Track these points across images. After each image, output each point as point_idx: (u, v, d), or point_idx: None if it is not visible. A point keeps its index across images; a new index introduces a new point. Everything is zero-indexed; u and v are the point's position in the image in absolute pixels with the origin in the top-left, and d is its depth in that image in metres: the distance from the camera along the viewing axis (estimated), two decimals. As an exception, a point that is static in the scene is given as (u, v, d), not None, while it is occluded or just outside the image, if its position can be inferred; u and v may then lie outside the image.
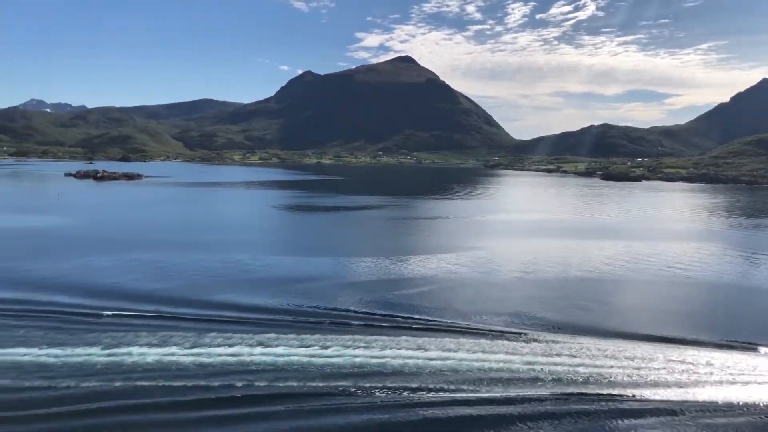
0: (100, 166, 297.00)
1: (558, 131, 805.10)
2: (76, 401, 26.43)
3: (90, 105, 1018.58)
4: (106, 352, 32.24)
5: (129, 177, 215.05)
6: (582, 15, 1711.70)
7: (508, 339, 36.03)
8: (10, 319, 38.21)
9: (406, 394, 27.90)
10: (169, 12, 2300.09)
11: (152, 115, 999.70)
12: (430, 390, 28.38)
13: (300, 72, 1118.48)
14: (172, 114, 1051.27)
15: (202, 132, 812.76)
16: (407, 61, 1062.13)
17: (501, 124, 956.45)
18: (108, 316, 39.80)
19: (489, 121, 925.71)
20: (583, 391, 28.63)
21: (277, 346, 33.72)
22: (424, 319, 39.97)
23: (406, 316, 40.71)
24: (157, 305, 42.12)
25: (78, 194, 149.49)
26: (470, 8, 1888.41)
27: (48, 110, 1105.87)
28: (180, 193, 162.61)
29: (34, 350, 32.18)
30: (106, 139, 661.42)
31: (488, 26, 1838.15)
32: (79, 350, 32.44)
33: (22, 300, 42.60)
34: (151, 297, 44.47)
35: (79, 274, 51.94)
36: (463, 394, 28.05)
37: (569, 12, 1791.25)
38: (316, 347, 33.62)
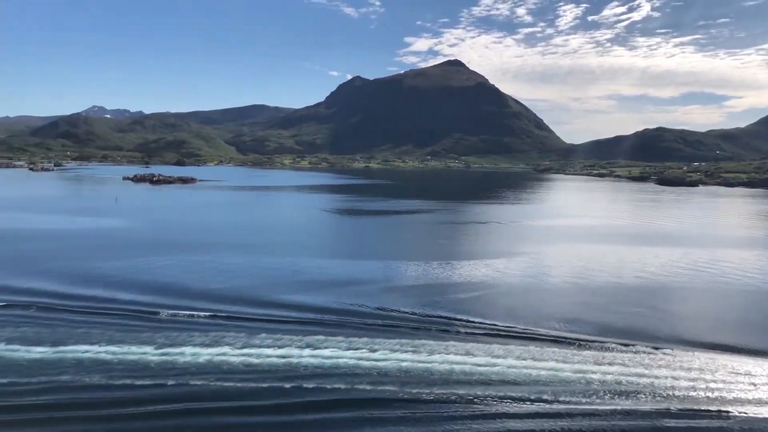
0: (156, 170, 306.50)
1: (610, 135, 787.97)
2: (132, 401, 27.18)
3: (147, 111, 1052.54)
4: (160, 351, 33.14)
5: (183, 181, 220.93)
6: (636, 16, 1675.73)
7: (559, 346, 35.30)
8: (73, 316, 39.88)
9: (453, 401, 27.61)
10: (222, 21, 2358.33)
11: (206, 121, 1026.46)
12: (477, 397, 28.00)
13: (349, 77, 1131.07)
14: (225, 119, 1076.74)
15: (254, 137, 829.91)
16: (456, 64, 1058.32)
17: (551, 127, 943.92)
18: (165, 314, 41.12)
19: (539, 124, 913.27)
20: (638, 404, 27.66)
21: (325, 348, 34.00)
22: (472, 324, 39.55)
23: (453, 320, 40.43)
24: (211, 305, 43.12)
25: (135, 197, 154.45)
26: (520, 11, 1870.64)
27: (108, 116, 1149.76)
28: (232, 197, 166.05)
29: (94, 347, 33.38)
30: (162, 144, 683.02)
31: (539, 29, 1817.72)
32: (134, 348, 33.46)
33: (84, 297, 44.38)
34: (204, 297, 45.54)
35: (136, 274, 53.57)
36: (511, 403, 27.55)
37: (623, 13, 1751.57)
38: (363, 350, 33.72)
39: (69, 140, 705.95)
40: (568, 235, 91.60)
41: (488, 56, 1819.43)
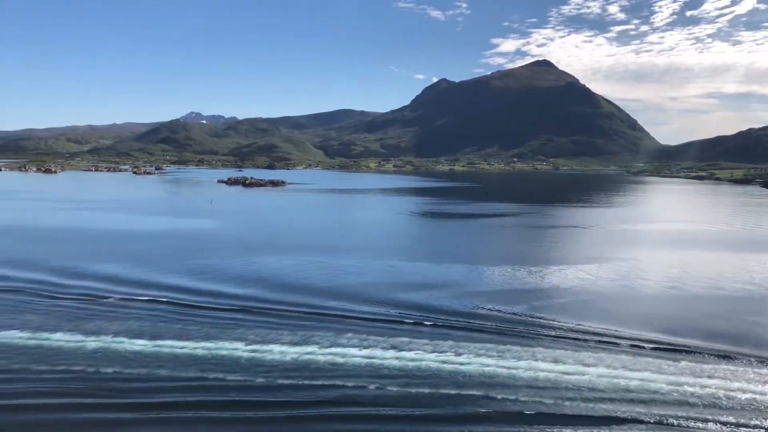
0: (248, 173, 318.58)
1: (710, 135, 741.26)
2: (224, 394, 28.30)
3: (240, 116, 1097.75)
4: (250, 348, 34.39)
5: (274, 184, 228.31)
6: (740, 9, 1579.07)
7: (652, 356, 33.70)
8: (172, 311, 42.20)
9: (539, 409, 26.89)
10: (312, 28, 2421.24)
11: (296, 125, 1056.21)
12: (564, 407, 27.18)
13: (435, 80, 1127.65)
14: (314, 124, 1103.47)
15: (341, 141, 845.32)
16: (545, 65, 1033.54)
17: (645, 128, 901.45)
18: (253, 311, 42.74)
19: (632, 125, 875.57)
20: (737, 422, 25.89)
21: (409, 350, 34.13)
22: (560, 331, 38.51)
23: (541, 326, 39.54)
24: (299, 304, 44.39)
25: (228, 200, 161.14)
26: (613, 8, 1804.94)
27: (204, 122, 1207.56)
28: (320, 199, 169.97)
29: (190, 343, 35.12)
30: (254, 148, 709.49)
31: (632, 26, 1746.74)
32: (226, 344, 34.93)
33: (183, 291, 46.86)
34: (293, 295, 46.93)
35: (228, 273, 55.90)
36: (600, 414, 26.47)
37: (725, 7, 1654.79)
38: (448, 353, 33.59)
39: (169, 145, 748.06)
40: (664, 241, 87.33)
41: (578, 56, 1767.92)
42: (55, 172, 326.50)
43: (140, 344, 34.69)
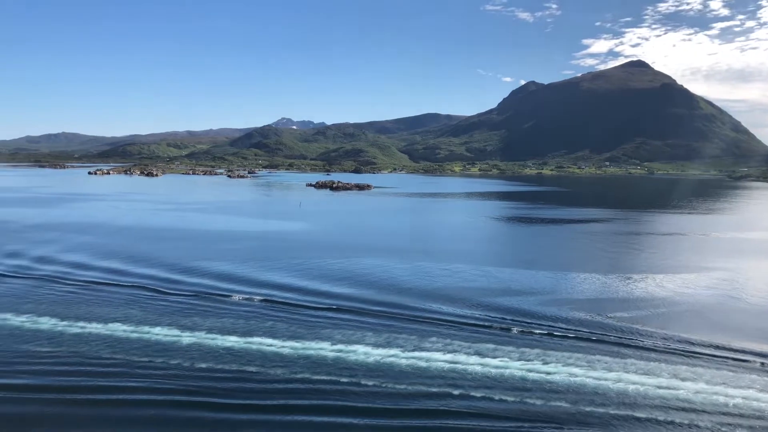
0: (335, 177, 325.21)
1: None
2: (311, 394, 28.88)
3: (329, 122, 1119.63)
4: (335, 348, 35.03)
5: (360, 187, 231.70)
6: None
7: (758, 373, 31.53)
8: (261, 310, 43.65)
9: (628, 426, 25.72)
10: (398, 35, 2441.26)
11: (381, 130, 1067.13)
12: (656, 423, 25.87)
13: (523, 82, 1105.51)
14: (399, 128, 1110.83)
15: (426, 145, 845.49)
16: (639, 65, 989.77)
17: (751, 130, 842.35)
18: (340, 311, 43.56)
19: (736, 127, 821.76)
20: None
21: (494, 357, 33.65)
22: (654, 342, 36.73)
23: (633, 336, 37.86)
24: (385, 306, 44.80)
25: (316, 203, 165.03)
26: (715, 4, 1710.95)
27: (294, 127, 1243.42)
28: (404, 203, 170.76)
29: (278, 341, 36.22)
30: (341, 153, 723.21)
31: (737, 22, 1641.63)
32: (312, 344, 35.74)
33: (273, 291, 48.40)
34: (379, 298, 47.32)
35: (316, 273, 57.19)
36: (699, 433, 25.09)
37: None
38: (534, 362, 32.83)
39: (261, 150, 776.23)
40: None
41: (675, 55, 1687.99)
42: (156, 175, 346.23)
43: (232, 341, 36.13)
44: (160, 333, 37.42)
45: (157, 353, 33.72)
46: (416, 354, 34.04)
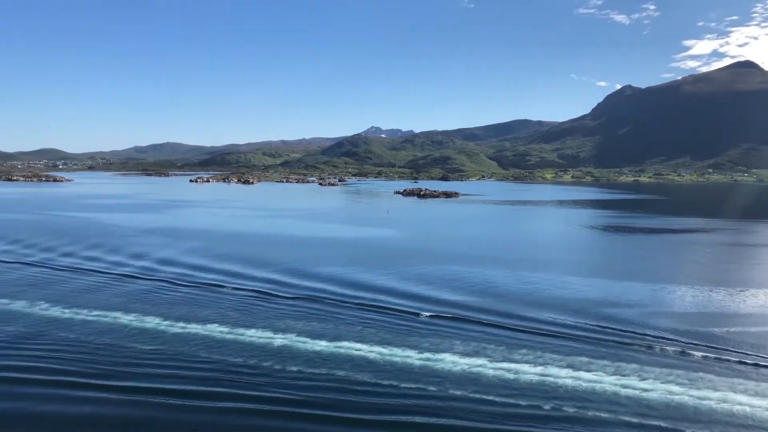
0: (423, 184, 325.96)
1: None
2: (398, 404, 28.87)
3: (417, 130, 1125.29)
4: (422, 356, 34.90)
5: (447, 195, 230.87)
6: None
7: None
8: (350, 315, 44.19)
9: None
10: (488, 43, 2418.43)
11: (470, 137, 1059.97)
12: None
13: (618, 86, 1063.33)
14: (488, 135, 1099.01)
15: (515, 151, 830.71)
16: (747, 66, 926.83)
17: None
18: (425, 316, 43.54)
19: None
20: None
21: (587, 370, 32.45)
22: (766, 359, 34.17)
23: (745, 355, 35.25)
24: (474, 315, 44.30)
25: (404, 210, 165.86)
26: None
27: (383, 135, 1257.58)
28: (493, 211, 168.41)
29: (365, 347, 36.62)
30: (429, 160, 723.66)
31: None
32: (399, 351, 35.82)
33: (358, 298, 48.93)
34: (468, 307, 46.82)
35: (403, 278, 57.37)
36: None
37: None
38: (631, 377, 31.35)
39: (350, 158, 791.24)
40: None
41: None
42: (252, 183, 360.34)
43: (321, 345, 36.85)
44: (254, 335, 38.78)
45: (250, 355, 34.90)
46: (505, 365, 33.40)
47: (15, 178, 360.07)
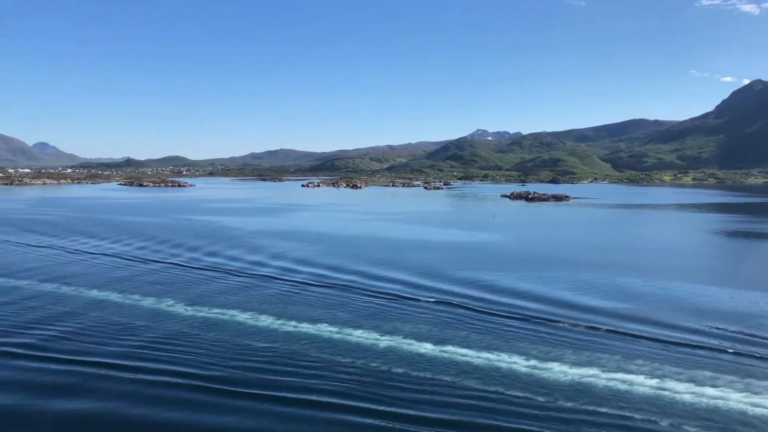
0: (531, 187, 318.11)
1: None
2: (505, 406, 28.51)
3: (525, 131, 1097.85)
4: (530, 363, 34.11)
5: (557, 198, 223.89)
6: None
7: None
8: (456, 318, 44.02)
9: None
10: (596, 41, 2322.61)
11: (581, 138, 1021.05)
12: None
13: (746, 82, 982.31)
14: (600, 136, 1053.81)
15: (630, 153, 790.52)
16: None
17: None
18: (537, 323, 42.52)
19: None
20: None
21: (712, 386, 30.35)
22: None
23: None
24: (587, 321, 42.97)
25: (511, 214, 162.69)
26: None
27: (490, 138, 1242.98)
28: (606, 215, 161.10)
29: (471, 352, 36.30)
30: (537, 163, 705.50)
31: None
32: (505, 357, 35.23)
33: (465, 302, 48.65)
34: (580, 312, 45.48)
35: (510, 283, 56.32)
36: None
37: None
38: (763, 395, 29.07)
39: (456, 161, 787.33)
40: None
41: None
42: (360, 187, 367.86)
43: (427, 348, 37.00)
44: (362, 336, 39.61)
45: (358, 355, 35.68)
46: (618, 376, 31.95)
47: (145, 184, 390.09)
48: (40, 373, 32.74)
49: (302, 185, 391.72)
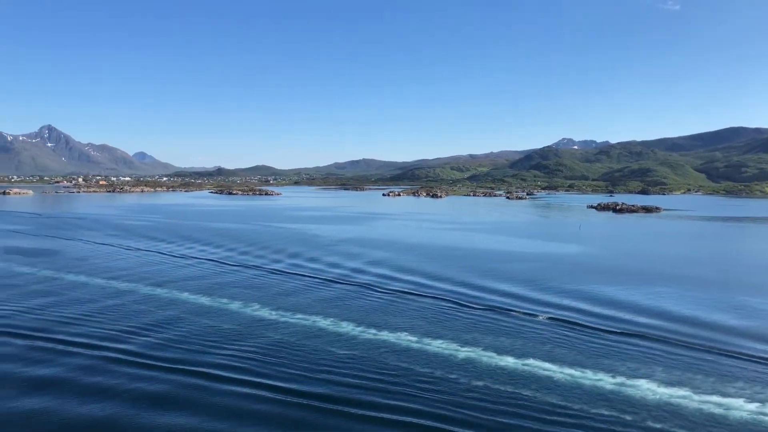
0: (619, 198, 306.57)
1: None
2: (589, 422, 27.61)
3: (613, 140, 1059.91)
4: (616, 380, 32.78)
5: (647, 209, 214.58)
6: None
7: None
8: (542, 331, 42.93)
9: None
10: (688, 47, 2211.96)
11: (673, 147, 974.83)
12: None
13: None
14: (694, 145, 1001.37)
15: (728, 162, 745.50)
16: None
17: None
18: (621, 337, 40.90)
19: None
20: None
21: (821, 415, 28.11)
22: None
23: None
24: (681, 336, 41.10)
25: (597, 225, 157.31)
26: None
27: (576, 147, 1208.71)
28: (701, 228, 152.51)
29: (554, 366, 35.36)
30: (626, 173, 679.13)
31: None
32: (589, 373, 34.04)
33: (550, 314, 47.43)
34: (675, 327, 43.64)
35: (598, 297, 54.52)
36: None
37: None
38: None
39: (540, 171, 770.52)
40: None
41: None
42: (440, 196, 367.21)
43: (507, 361, 36.30)
44: (441, 346, 39.38)
45: (437, 366, 35.45)
46: (714, 398, 30.14)
47: (234, 192, 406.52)
48: (139, 380, 32.84)
49: (383, 194, 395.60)
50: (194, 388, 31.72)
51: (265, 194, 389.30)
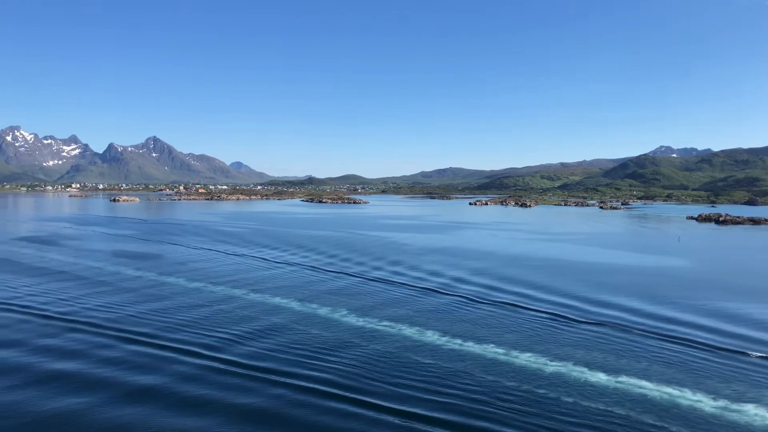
0: (722, 209, 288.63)
1: None
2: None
3: (716, 148, 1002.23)
4: (717, 404, 30.93)
5: (754, 221, 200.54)
6: None
7: None
8: (634, 346, 41.21)
9: None
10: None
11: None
12: None
13: None
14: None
15: None
16: None
17: None
18: (754, 356, 38.72)
19: None
20: None
21: None
22: None
23: None
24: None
25: (698, 237, 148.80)
26: None
27: (674, 155, 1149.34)
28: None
29: (649, 384, 33.77)
30: (730, 182, 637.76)
31: None
32: (688, 393, 32.28)
33: (648, 325, 45.45)
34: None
35: (701, 312, 51.66)
36: None
37: None
38: None
39: (636, 180, 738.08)
40: None
41: None
42: (529, 206, 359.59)
43: (599, 377, 35.05)
44: (528, 359, 38.60)
45: (524, 379, 34.77)
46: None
47: (324, 200, 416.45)
48: (239, 392, 32.64)
49: (470, 203, 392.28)
50: (295, 405, 30.42)
51: (354, 203, 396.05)
